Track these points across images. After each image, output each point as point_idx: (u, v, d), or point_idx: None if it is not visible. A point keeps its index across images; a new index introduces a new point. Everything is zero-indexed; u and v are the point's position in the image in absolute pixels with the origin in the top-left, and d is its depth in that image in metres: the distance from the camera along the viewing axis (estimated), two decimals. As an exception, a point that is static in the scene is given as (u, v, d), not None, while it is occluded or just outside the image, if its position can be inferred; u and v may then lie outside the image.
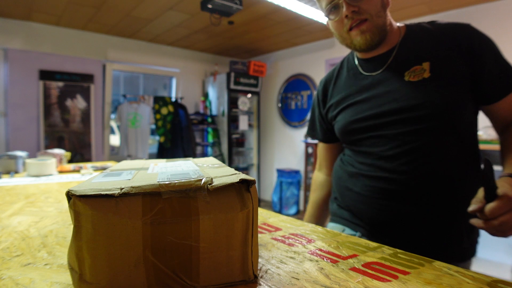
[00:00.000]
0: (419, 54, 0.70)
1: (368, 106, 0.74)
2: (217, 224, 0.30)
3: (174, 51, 4.02)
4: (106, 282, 0.28)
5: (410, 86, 0.68)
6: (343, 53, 3.54)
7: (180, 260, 0.30)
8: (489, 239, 2.67)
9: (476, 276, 0.34)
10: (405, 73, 0.70)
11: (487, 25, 2.53)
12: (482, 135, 2.47)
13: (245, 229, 0.32)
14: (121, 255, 0.28)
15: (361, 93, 0.76)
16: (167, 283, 0.30)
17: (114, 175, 0.35)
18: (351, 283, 0.32)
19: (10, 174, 1.06)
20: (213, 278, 0.31)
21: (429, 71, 0.68)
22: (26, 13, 2.82)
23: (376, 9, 0.70)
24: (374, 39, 0.71)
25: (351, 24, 0.71)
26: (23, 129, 3.03)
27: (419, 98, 0.67)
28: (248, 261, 0.33)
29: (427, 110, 0.66)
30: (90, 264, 0.28)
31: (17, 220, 0.52)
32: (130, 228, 0.28)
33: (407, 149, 0.67)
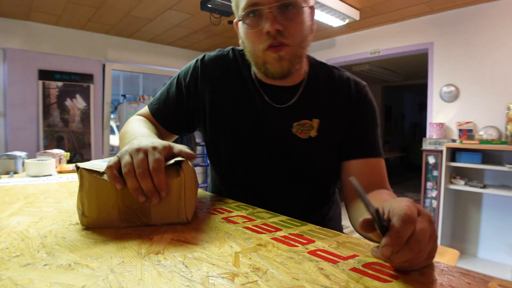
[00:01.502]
0: (313, 108, 0.69)
1: (257, 142, 0.70)
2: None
3: (173, 50, 4.02)
4: (95, 216, 0.48)
5: (296, 143, 0.68)
6: (343, 53, 3.55)
7: (139, 206, 0.49)
8: (490, 239, 2.67)
9: (476, 276, 0.34)
10: (294, 123, 0.68)
11: (487, 25, 2.53)
12: (483, 135, 2.48)
13: (179, 189, 0.50)
14: (104, 201, 0.48)
15: (255, 122, 0.70)
16: (131, 219, 0.49)
17: (107, 161, 0.53)
18: (351, 283, 0.32)
19: (9, 174, 1.06)
20: (160, 218, 0.50)
21: (316, 130, 0.68)
22: (25, 13, 2.81)
23: (302, 37, 0.62)
24: (290, 69, 0.63)
25: (270, 44, 0.60)
26: (22, 129, 3.02)
27: (301, 160, 0.69)
28: (182, 209, 0.50)
29: (306, 174, 0.71)
30: (87, 205, 0.48)
31: (16, 220, 0.52)
32: (109, 186, 0.48)
33: (280, 191, 0.72)
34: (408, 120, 8.67)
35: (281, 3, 0.58)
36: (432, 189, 2.68)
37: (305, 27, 0.63)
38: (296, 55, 0.62)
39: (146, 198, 0.46)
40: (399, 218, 0.32)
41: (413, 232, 0.32)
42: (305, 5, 0.61)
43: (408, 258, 0.32)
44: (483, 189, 2.41)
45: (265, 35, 0.59)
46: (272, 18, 0.58)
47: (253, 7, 0.59)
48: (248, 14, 0.60)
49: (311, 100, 0.69)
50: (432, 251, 0.35)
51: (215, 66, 0.74)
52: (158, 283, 0.32)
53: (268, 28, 0.58)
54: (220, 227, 0.51)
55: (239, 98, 0.71)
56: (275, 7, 0.58)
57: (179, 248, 0.41)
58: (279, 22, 0.58)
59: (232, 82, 0.72)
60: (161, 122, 0.78)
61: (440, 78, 2.81)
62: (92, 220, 0.48)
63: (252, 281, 0.33)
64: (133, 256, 0.38)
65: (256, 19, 0.60)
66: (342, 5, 2.64)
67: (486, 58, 2.54)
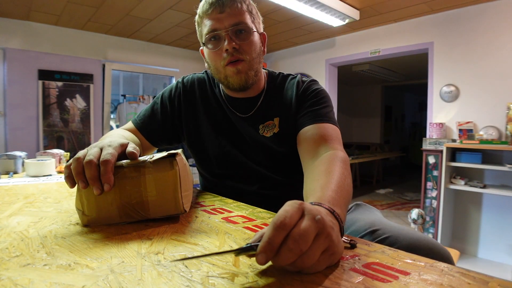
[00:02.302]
0: (273, 109, 0.82)
1: (233, 145, 0.84)
2: (156, 179, 0.50)
3: (173, 50, 4.02)
4: (95, 214, 0.49)
5: (264, 141, 0.81)
6: (343, 53, 3.55)
7: (137, 201, 0.50)
8: (490, 239, 2.67)
9: (477, 276, 0.34)
10: (260, 126, 0.82)
11: (487, 25, 2.53)
12: (483, 135, 2.47)
13: (174, 181, 0.51)
14: (102, 198, 0.49)
15: (227, 130, 0.84)
16: (130, 214, 0.50)
17: None
18: (352, 283, 0.32)
19: (9, 174, 1.06)
20: (158, 211, 0.51)
21: (278, 127, 0.81)
22: (25, 13, 2.81)
23: (255, 53, 0.77)
24: (248, 81, 0.77)
25: (229, 60, 0.74)
26: (22, 129, 3.02)
27: (272, 153, 0.81)
28: (179, 201, 0.52)
29: (271, 163, 0.82)
30: (86, 204, 0.49)
31: (16, 220, 0.52)
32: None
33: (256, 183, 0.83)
34: (408, 120, 8.68)
35: (235, 28, 0.73)
36: (432, 189, 2.68)
37: (257, 46, 0.77)
38: (251, 68, 0.76)
39: (86, 185, 0.48)
40: (270, 226, 0.33)
41: (290, 233, 0.32)
42: (255, 31, 0.77)
43: (293, 259, 0.32)
44: (483, 189, 2.41)
45: (225, 53, 0.73)
46: (228, 38, 0.73)
47: (213, 32, 0.74)
48: (210, 38, 0.75)
49: (271, 105, 0.83)
50: (329, 248, 0.34)
51: (193, 87, 0.89)
52: (158, 283, 0.32)
53: (226, 46, 0.72)
54: (220, 227, 0.51)
55: (213, 111, 0.86)
56: (230, 31, 0.73)
57: (179, 248, 0.41)
58: (235, 41, 0.73)
59: (207, 99, 0.87)
60: (145, 135, 0.88)
61: (440, 78, 2.81)
62: (93, 218, 0.49)
63: (252, 281, 0.33)
64: (133, 256, 0.38)
65: (216, 42, 0.75)
66: (342, 5, 2.63)
67: (486, 58, 2.54)
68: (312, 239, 0.33)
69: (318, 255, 0.33)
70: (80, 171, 0.47)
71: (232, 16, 0.73)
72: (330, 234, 0.34)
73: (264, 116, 0.82)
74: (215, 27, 0.73)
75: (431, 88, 2.87)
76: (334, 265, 0.36)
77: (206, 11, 0.74)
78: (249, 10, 0.77)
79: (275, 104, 0.83)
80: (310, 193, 0.53)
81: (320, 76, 3.70)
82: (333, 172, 0.56)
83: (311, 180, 0.59)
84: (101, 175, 0.47)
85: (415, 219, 2.05)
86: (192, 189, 0.64)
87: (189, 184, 0.60)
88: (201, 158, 0.89)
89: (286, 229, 0.32)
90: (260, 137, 0.81)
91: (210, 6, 0.73)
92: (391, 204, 4.41)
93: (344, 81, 6.07)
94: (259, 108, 0.83)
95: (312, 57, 3.80)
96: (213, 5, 0.73)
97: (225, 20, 0.72)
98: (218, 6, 0.72)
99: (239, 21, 0.73)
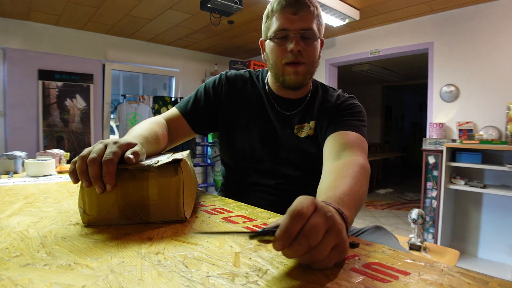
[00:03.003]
0: (311, 113, 0.86)
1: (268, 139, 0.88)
2: (159, 184, 0.50)
3: (173, 50, 4.02)
4: (96, 214, 0.50)
5: (297, 140, 0.85)
6: (343, 53, 3.54)
7: (138, 204, 0.50)
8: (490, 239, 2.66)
9: (477, 276, 0.34)
10: (296, 126, 0.86)
11: (487, 25, 2.53)
12: (483, 135, 2.47)
13: (177, 187, 0.51)
14: (104, 199, 0.49)
15: (261, 126, 0.88)
16: (130, 217, 0.50)
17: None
18: (351, 283, 0.32)
19: (9, 174, 1.06)
20: (159, 216, 0.51)
21: (313, 130, 0.85)
22: (25, 13, 2.81)
23: (315, 58, 0.80)
24: (303, 83, 0.81)
25: (291, 60, 0.77)
26: (22, 129, 3.02)
27: (302, 153, 0.85)
28: (181, 207, 0.51)
29: (299, 161, 0.86)
30: (88, 203, 0.49)
31: (16, 220, 0.52)
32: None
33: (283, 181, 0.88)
34: (408, 120, 8.67)
35: (304, 31, 0.76)
36: (432, 189, 2.68)
37: (317, 52, 0.81)
38: (308, 72, 0.80)
39: (89, 184, 0.47)
40: (288, 214, 0.33)
41: (303, 227, 0.33)
42: (318, 37, 0.80)
43: (301, 252, 0.32)
44: (483, 189, 2.40)
45: (289, 53, 0.76)
46: (296, 41, 0.75)
47: (283, 31, 0.76)
48: (278, 35, 0.77)
49: (312, 108, 0.87)
50: (339, 245, 0.35)
51: (235, 81, 0.93)
52: (158, 283, 0.32)
53: (292, 47, 0.75)
54: (220, 227, 0.51)
55: (251, 106, 0.90)
56: (299, 34, 0.76)
57: (179, 248, 0.41)
58: (301, 45, 0.76)
59: (247, 94, 0.91)
60: (188, 120, 0.91)
61: (440, 78, 2.81)
62: (93, 218, 0.50)
63: (252, 281, 0.33)
64: (133, 256, 0.38)
65: (283, 40, 0.77)
66: (342, 5, 2.63)
67: (486, 58, 2.54)
68: (322, 235, 0.33)
69: (328, 251, 0.34)
70: (84, 169, 0.47)
71: (304, 20, 0.75)
72: (341, 230, 0.35)
73: (303, 118, 0.86)
74: (286, 26, 0.76)
75: (431, 88, 2.87)
76: (334, 265, 0.36)
77: (281, 7, 0.76)
78: (318, 16, 0.80)
79: (315, 108, 0.87)
80: (322, 191, 0.54)
81: (320, 76, 3.70)
82: (349, 176, 0.57)
83: (326, 179, 0.60)
84: (103, 175, 0.47)
85: (415, 219, 2.05)
86: (195, 195, 0.64)
87: (193, 191, 0.59)
88: (228, 148, 0.92)
89: (303, 218, 0.33)
90: (293, 137, 0.85)
91: (286, 4, 0.75)
92: (391, 204, 4.40)
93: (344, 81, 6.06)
94: (301, 110, 0.87)
95: (312, 57, 3.80)
96: (289, 5, 0.75)
97: (296, 22, 0.75)
98: (294, 7, 0.75)
99: (309, 26, 0.76)
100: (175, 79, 4.11)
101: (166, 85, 4.44)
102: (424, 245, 2.00)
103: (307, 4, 0.76)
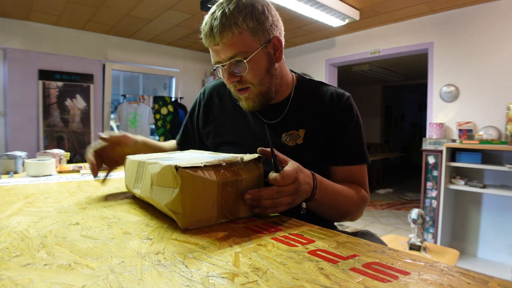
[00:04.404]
0: (300, 120, 0.80)
1: (254, 151, 0.87)
2: (248, 180, 0.54)
3: (173, 50, 4.02)
4: (198, 215, 0.49)
5: (286, 150, 0.77)
6: (343, 53, 3.55)
7: (233, 201, 0.53)
8: (489, 239, 2.66)
9: (476, 276, 0.34)
10: (283, 134, 0.80)
11: (487, 25, 2.53)
12: (483, 135, 2.47)
13: (259, 183, 0.56)
14: (204, 200, 0.50)
15: (251, 135, 0.83)
16: (225, 214, 0.52)
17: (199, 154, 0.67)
18: (351, 283, 0.32)
19: (9, 174, 1.06)
20: (246, 211, 0.55)
21: (302, 138, 0.78)
22: (25, 13, 2.81)
23: (259, 77, 0.73)
24: (257, 104, 0.76)
25: (235, 88, 0.75)
26: (22, 129, 3.02)
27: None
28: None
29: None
30: (189, 206, 0.48)
31: (16, 220, 0.52)
32: (210, 184, 0.49)
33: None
34: (408, 120, 8.67)
35: (231, 61, 0.69)
36: (432, 189, 2.68)
37: (260, 70, 0.72)
38: (259, 93, 0.74)
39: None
40: (279, 175, 0.53)
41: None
42: (253, 51, 0.69)
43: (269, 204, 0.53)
44: (483, 189, 2.40)
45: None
46: (228, 73, 0.72)
47: (216, 64, 0.73)
48: (215, 68, 0.76)
49: (298, 113, 0.80)
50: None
51: (213, 96, 0.91)
52: (158, 283, 0.32)
53: (226, 80, 0.74)
54: (220, 227, 0.51)
55: (237, 117, 0.86)
56: (227, 65, 0.70)
57: (179, 248, 0.41)
58: (234, 75, 0.71)
59: (230, 104, 0.87)
60: (182, 148, 0.97)
61: (440, 78, 2.81)
62: (194, 220, 0.49)
63: (252, 281, 0.33)
64: (133, 256, 0.38)
65: (221, 72, 0.75)
66: (342, 5, 2.63)
67: (486, 58, 2.54)
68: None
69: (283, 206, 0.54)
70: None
71: (227, 47, 0.68)
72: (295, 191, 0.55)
73: (289, 125, 0.80)
74: (215, 60, 0.72)
75: (431, 88, 2.87)
76: (334, 265, 0.36)
77: (204, 41, 0.72)
78: (246, 26, 0.67)
79: (303, 114, 0.80)
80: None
81: (320, 76, 3.70)
82: (346, 191, 0.70)
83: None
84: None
85: (415, 219, 2.05)
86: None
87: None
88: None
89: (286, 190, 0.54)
90: (281, 145, 0.79)
91: (205, 37, 0.71)
92: (391, 204, 4.40)
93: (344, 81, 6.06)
94: (285, 117, 0.81)
95: (312, 57, 3.80)
96: (207, 38, 0.70)
97: (221, 52, 0.69)
98: (211, 38, 0.68)
99: (235, 52, 0.68)
100: (175, 79, 4.11)
101: (166, 85, 4.44)
102: (424, 245, 2.00)
103: (222, 28, 0.66)
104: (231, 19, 0.66)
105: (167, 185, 0.50)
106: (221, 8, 0.68)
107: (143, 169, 0.60)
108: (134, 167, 0.65)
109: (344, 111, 0.78)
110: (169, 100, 3.83)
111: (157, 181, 0.53)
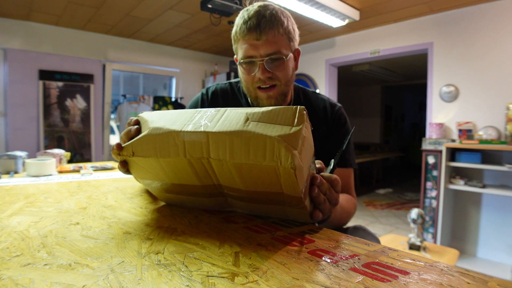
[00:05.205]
0: None
1: None
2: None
3: (174, 51, 4.02)
4: (303, 161, 0.43)
5: None
6: (343, 53, 3.55)
7: (307, 183, 0.49)
8: (489, 239, 2.66)
9: (476, 276, 0.34)
10: None
11: (487, 25, 2.53)
12: (482, 135, 2.48)
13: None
14: (307, 153, 0.45)
15: None
16: (305, 190, 0.48)
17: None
18: (351, 283, 0.32)
19: (10, 174, 1.06)
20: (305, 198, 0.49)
21: None
22: (26, 13, 2.81)
23: (287, 77, 0.77)
24: (277, 104, 0.79)
25: (261, 85, 0.76)
26: (23, 129, 3.03)
27: None
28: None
29: None
30: (300, 146, 0.42)
31: (16, 220, 0.52)
32: (311, 142, 0.47)
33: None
34: (408, 120, 8.68)
35: (269, 57, 0.72)
36: (432, 189, 2.68)
37: (289, 71, 0.77)
38: (282, 93, 0.78)
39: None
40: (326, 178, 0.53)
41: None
42: (289, 53, 0.75)
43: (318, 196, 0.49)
44: (482, 189, 2.41)
45: (257, 79, 0.75)
46: (263, 68, 0.73)
47: (248, 58, 0.74)
48: (244, 62, 0.75)
49: None
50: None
51: (217, 96, 0.91)
52: (158, 283, 0.32)
53: (259, 75, 0.74)
54: (220, 227, 0.51)
55: None
56: (265, 60, 0.72)
57: (179, 248, 0.41)
58: (268, 71, 0.74)
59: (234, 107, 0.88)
60: None
61: (439, 78, 2.81)
62: (299, 165, 0.42)
63: (252, 281, 0.33)
64: (133, 256, 0.38)
65: (250, 67, 0.75)
66: (342, 5, 2.64)
67: (486, 58, 2.54)
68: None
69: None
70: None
71: (269, 44, 0.71)
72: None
73: None
74: (250, 54, 0.72)
75: (430, 88, 2.87)
76: (334, 265, 0.37)
77: (243, 34, 0.72)
78: (287, 31, 0.74)
79: None
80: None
81: (320, 76, 3.70)
82: (345, 203, 0.74)
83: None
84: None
85: (414, 219, 2.05)
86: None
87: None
88: None
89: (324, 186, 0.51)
90: None
91: (248, 31, 0.71)
92: (391, 204, 4.41)
93: (344, 81, 6.06)
94: None
95: (312, 57, 3.80)
96: (251, 31, 0.70)
97: (261, 48, 0.71)
98: (255, 32, 0.70)
99: (275, 50, 0.72)
100: (176, 79, 4.11)
101: (166, 85, 4.44)
102: (423, 245, 2.00)
103: (271, 25, 0.70)
104: (279, 20, 0.72)
105: (280, 122, 0.43)
106: (266, 10, 0.72)
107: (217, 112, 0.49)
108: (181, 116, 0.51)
109: (336, 118, 0.85)
110: (169, 100, 3.83)
111: (259, 117, 0.45)
